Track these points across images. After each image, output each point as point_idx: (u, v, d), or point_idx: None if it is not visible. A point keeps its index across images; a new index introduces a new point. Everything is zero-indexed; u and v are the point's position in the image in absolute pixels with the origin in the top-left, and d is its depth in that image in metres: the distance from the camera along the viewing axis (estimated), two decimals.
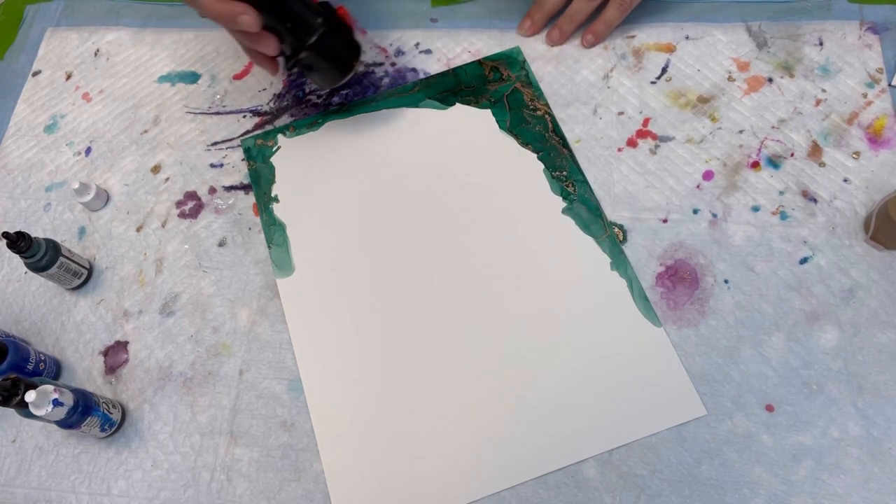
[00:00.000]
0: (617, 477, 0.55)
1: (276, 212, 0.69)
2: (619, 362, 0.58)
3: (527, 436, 0.57)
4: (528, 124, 0.69)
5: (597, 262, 0.62)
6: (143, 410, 0.62)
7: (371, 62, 0.76)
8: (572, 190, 0.66)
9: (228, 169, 0.72)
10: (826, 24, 0.70)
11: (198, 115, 0.76)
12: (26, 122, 0.78)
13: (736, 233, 0.62)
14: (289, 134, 0.73)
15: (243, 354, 0.63)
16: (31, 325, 0.67)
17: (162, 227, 0.70)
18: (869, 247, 0.60)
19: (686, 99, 0.69)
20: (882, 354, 0.56)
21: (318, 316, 0.63)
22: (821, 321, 0.58)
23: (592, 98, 0.70)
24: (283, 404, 0.61)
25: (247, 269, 0.67)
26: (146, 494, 0.59)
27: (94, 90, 0.79)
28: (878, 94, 0.66)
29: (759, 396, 0.56)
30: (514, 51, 0.74)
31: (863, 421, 0.55)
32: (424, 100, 0.72)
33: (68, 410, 0.55)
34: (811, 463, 0.54)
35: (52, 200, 0.73)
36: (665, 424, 0.56)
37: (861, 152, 0.64)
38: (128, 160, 0.74)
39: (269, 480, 0.58)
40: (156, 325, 0.65)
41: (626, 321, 0.60)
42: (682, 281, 0.61)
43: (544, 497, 0.55)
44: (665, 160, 0.66)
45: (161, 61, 0.79)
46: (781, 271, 0.60)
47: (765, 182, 0.64)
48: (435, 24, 0.77)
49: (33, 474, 0.61)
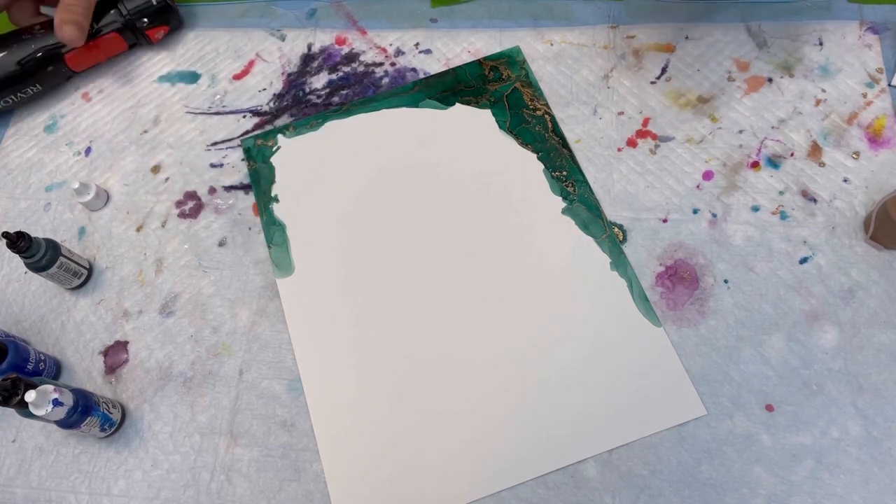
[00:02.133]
0: (617, 477, 0.55)
1: (276, 212, 0.69)
2: (619, 362, 0.58)
3: (527, 436, 0.57)
4: (528, 124, 0.70)
5: (597, 262, 0.62)
6: (143, 410, 0.62)
7: (371, 62, 0.76)
8: (572, 190, 0.66)
9: (228, 169, 0.72)
10: (826, 24, 0.70)
11: (198, 115, 0.76)
12: (26, 122, 0.78)
13: (736, 233, 0.62)
14: (289, 134, 0.73)
15: (243, 354, 0.63)
16: (30, 325, 0.67)
17: (162, 227, 0.70)
18: (869, 247, 0.60)
19: (686, 99, 0.69)
20: (882, 354, 0.56)
21: (318, 316, 0.63)
22: (820, 321, 0.58)
23: (592, 98, 0.70)
24: (283, 404, 0.61)
25: (247, 269, 0.67)
26: (146, 494, 0.59)
27: (94, 90, 0.79)
28: (877, 93, 0.66)
29: (759, 396, 0.56)
30: (513, 51, 0.74)
31: (863, 421, 0.55)
32: (424, 100, 0.72)
33: (68, 410, 0.55)
34: (811, 463, 0.54)
35: (51, 200, 0.73)
36: (665, 424, 0.56)
37: (861, 152, 0.64)
38: (128, 160, 0.74)
39: (269, 480, 0.58)
40: (156, 325, 0.65)
41: (625, 321, 0.60)
42: (682, 281, 0.61)
43: (544, 497, 0.55)
44: (665, 160, 0.66)
45: (161, 61, 0.80)
46: (781, 271, 0.60)
47: (764, 182, 0.64)
48: (435, 24, 0.77)
49: (33, 474, 0.61)
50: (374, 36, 0.77)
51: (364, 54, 0.76)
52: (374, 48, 0.77)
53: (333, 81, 0.75)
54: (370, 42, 0.77)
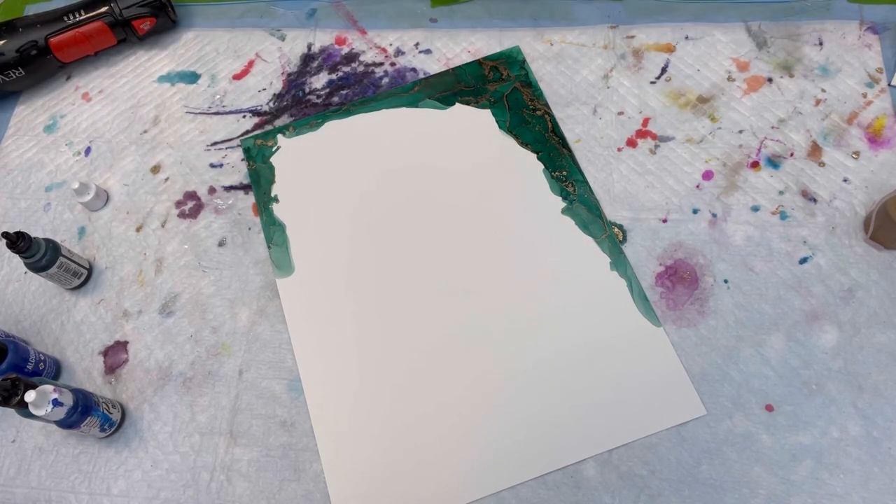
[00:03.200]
0: (617, 477, 0.55)
1: (275, 212, 0.69)
2: (619, 362, 0.58)
3: (527, 436, 0.57)
4: (528, 124, 0.69)
5: (596, 262, 0.62)
6: (143, 410, 0.62)
7: (371, 62, 0.76)
8: (572, 190, 0.66)
9: (228, 169, 0.72)
10: (826, 23, 0.70)
11: (198, 115, 0.76)
12: (26, 122, 0.78)
13: (736, 233, 0.62)
14: (289, 134, 0.73)
15: (243, 354, 0.63)
16: (30, 325, 0.67)
17: (162, 227, 0.70)
18: (869, 247, 0.60)
19: (686, 99, 0.69)
20: (882, 354, 0.56)
21: (317, 316, 0.63)
22: (820, 321, 0.58)
23: (592, 98, 0.70)
24: (283, 404, 0.61)
25: (247, 269, 0.67)
26: (146, 494, 0.59)
27: (94, 90, 0.79)
28: (877, 93, 0.66)
29: (759, 396, 0.56)
30: (513, 50, 0.74)
31: (862, 421, 0.55)
32: (424, 100, 0.72)
33: (68, 410, 0.55)
34: (811, 463, 0.54)
35: (51, 200, 0.73)
36: (665, 424, 0.56)
37: (861, 152, 0.64)
38: (127, 160, 0.74)
39: (269, 480, 0.58)
40: (155, 326, 0.65)
41: (625, 321, 0.60)
42: (682, 281, 0.61)
43: (544, 497, 0.55)
44: (665, 160, 0.66)
45: (161, 61, 0.79)
46: (781, 271, 0.60)
47: (764, 182, 0.64)
48: (435, 24, 0.77)
49: (33, 474, 0.61)
50: (374, 36, 0.77)
51: (364, 54, 0.76)
52: (374, 48, 0.77)
53: (333, 81, 0.75)
54: (370, 42, 0.77)
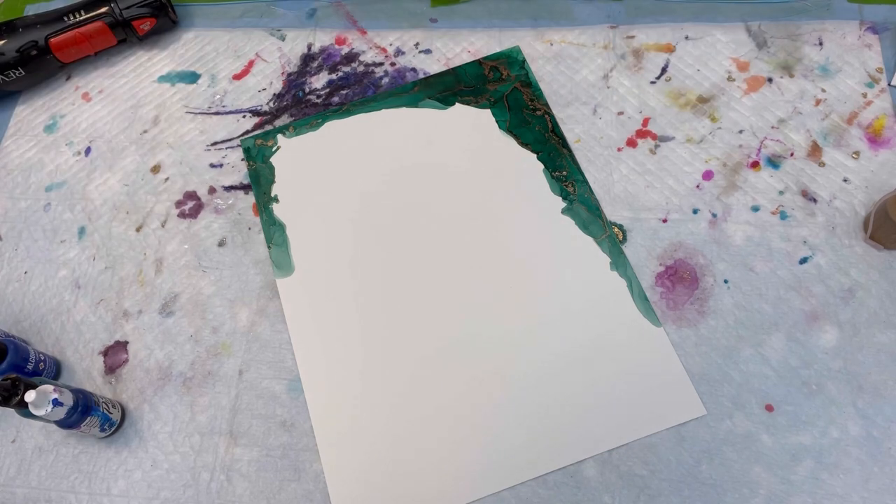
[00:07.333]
0: (616, 477, 0.55)
1: (275, 212, 0.69)
2: (619, 362, 0.58)
3: (527, 436, 0.57)
4: (528, 124, 0.69)
5: (596, 262, 0.62)
6: (143, 410, 0.62)
7: (371, 62, 0.76)
8: (572, 190, 0.66)
9: (228, 169, 0.72)
10: (826, 23, 0.70)
11: (198, 115, 0.76)
12: (26, 122, 0.78)
13: (736, 233, 0.62)
14: (288, 134, 0.73)
15: (243, 354, 0.63)
16: (30, 325, 0.67)
17: (162, 227, 0.70)
18: (868, 247, 0.60)
19: (686, 99, 0.69)
20: (882, 354, 0.56)
21: (317, 316, 0.63)
22: (820, 321, 0.58)
23: (592, 98, 0.70)
24: (283, 404, 0.61)
25: (247, 269, 0.67)
26: (146, 494, 0.59)
27: (94, 90, 0.79)
28: (877, 93, 0.66)
29: (759, 396, 0.56)
30: (513, 50, 0.74)
31: (862, 421, 0.55)
32: (424, 99, 0.72)
33: (68, 410, 0.55)
34: (811, 463, 0.54)
35: (51, 200, 0.73)
36: (665, 424, 0.56)
37: (861, 152, 0.64)
38: (127, 160, 0.74)
39: (269, 480, 0.58)
40: (155, 326, 0.65)
41: (625, 321, 0.60)
42: (682, 281, 0.61)
43: (544, 497, 0.55)
44: (665, 160, 0.66)
45: (161, 61, 0.79)
46: (781, 271, 0.60)
47: (764, 182, 0.64)
48: (435, 24, 0.77)
49: (33, 474, 0.61)
50: (373, 36, 0.77)
51: (364, 54, 0.76)
52: (373, 48, 0.77)
53: (333, 81, 0.75)
54: (370, 42, 0.77)
